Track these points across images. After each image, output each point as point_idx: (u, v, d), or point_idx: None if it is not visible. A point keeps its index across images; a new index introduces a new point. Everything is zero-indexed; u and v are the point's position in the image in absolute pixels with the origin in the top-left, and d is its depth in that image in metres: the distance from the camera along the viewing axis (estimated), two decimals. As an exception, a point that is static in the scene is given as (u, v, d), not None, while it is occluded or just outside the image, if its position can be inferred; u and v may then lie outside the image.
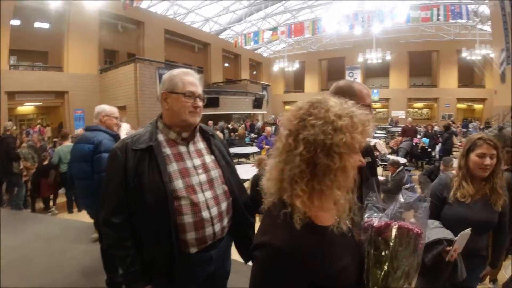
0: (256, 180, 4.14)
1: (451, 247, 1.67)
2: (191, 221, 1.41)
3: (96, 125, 2.85)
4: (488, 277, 2.08)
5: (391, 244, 0.96)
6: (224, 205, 1.55)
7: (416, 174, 7.39)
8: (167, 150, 1.46)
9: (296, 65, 25.15)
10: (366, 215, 1.02)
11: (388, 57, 21.65)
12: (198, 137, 1.59)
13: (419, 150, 10.58)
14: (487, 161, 1.78)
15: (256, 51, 28.62)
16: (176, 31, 19.98)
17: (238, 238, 1.69)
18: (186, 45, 22.25)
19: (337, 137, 0.82)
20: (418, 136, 11.76)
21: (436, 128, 13.33)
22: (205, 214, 1.44)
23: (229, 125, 16.22)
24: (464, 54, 20.04)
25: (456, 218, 1.85)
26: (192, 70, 1.64)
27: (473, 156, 1.83)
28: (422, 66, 25.30)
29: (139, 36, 17.81)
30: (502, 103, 17.90)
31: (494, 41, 18.66)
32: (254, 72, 29.26)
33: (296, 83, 30.86)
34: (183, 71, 1.51)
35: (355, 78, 24.37)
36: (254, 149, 11.06)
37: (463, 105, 24.64)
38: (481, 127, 16.84)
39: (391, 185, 5.33)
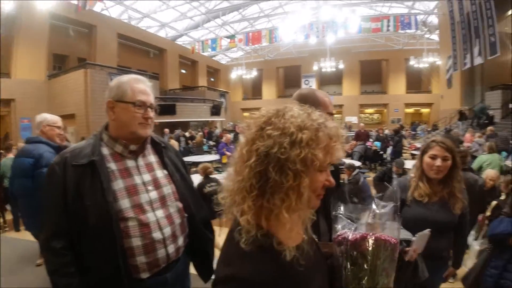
0: (200, 188, 4.02)
1: (409, 248, 1.69)
2: (140, 244, 1.27)
3: (37, 136, 2.60)
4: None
5: (369, 257, 0.91)
6: (178, 224, 1.42)
7: (370, 176, 7.67)
8: (112, 165, 1.31)
9: (254, 73, 25.51)
10: (339, 227, 0.97)
11: (341, 66, 22.91)
12: (149, 149, 1.45)
13: (372, 153, 11.12)
14: (438, 162, 1.82)
15: (213, 58, 28.54)
16: (130, 36, 19.34)
17: (196, 257, 1.58)
18: (141, 51, 21.56)
19: (293, 152, 0.72)
20: (371, 140, 12.35)
21: (386, 132, 14.03)
22: (157, 235, 1.31)
23: (186, 133, 15.69)
24: (412, 62, 21.76)
25: (415, 219, 1.82)
26: (145, 77, 1.51)
27: (426, 158, 1.88)
28: (372, 74, 26.87)
29: (90, 40, 17.01)
30: (449, 107, 19.50)
31: (442, 49, 20.26)
32: (212, 79, 29.13)
33: (254, 90, 31.25)
34: (133, 78, 1.37)
35: (311, 85, 25.16)
36: (212, 157, 10.86)
37: (411, 110, 26.55)
38: (429, 129, 18.02)
39: (347, 188, 5.48)
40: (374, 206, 1.01)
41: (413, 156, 10.46)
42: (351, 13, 16.30)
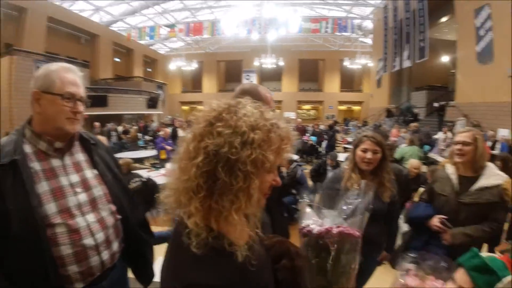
0: None
1: None
2: (70, 252, 1.16)
3: None
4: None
5: (333, 252, 0.93)
6: (111, 228, 1.31)
7: (307, 169, 8.01)
8: (36, 165, 1.17)
9: (194, 65, 24.78)
10: (304, 220, 0.98)
11: (281, 63, 23.38)
12: (76, 147, 1.31)
13: (308, 147, 11.64)
14: (369, 155, 1.97)
15: (151, 47, 27.03)
16: (61, 20, 17.32)
17: (134, 261, 1.48)
18: (71, 36, 19.40)
19: (244, 152, 0.69)
20: (307, 134, 12.87)
21: (321, 127, 14.79)
22: (88, 241, 1.20)
23: (120, 127, 14.44)
24: (346, 63, 23.33)
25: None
26: (75, 64, 1.36)
27: (358, 151, 2.02)
28: (310, 72, 28.12)
29: (19, 24, 15.07)
30: (377, 105, 21.17)
31: (374, 52, 21.80)
32: (149, 70, 27.54)
33: (194, 83, 30.43)
34: (63, 67, 1.23)
35: (252, 80, 25.41)
36: (149, 152, 10.37)
37: (344, 107, 28.43)
38: (359, 125, 19.28)
39: (286, 180, 5.65)
40: (343, 203, 1.04)
41: (345, 150, 11.18)
42: (292, 13, 16.72)
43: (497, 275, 0.98)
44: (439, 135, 11.21)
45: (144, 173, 6.14)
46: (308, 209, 1.03)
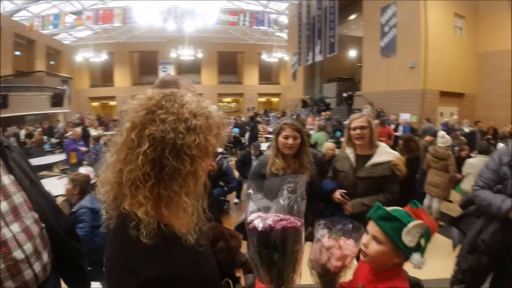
0: None
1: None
2: (3, 267, 1.06)
3: None
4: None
5: (279, 245, 1.00)
6: (38, 238, 1.19)
7: (232, 160, 8.05)
8: None
9: (104, 56, 22.79)
10: (248, 214, 1.07)
11: (200, 55, 22.99)
12: None
13: (231, 139, 11.72)
14: (290, 141, 2.16)
15: (55, 37, 23.51)
16: None
17: (66, 270, 1.37)
18: None
19: (189, 137, 0.72)
20: (230, 127, 12.92)
21: (243, 119, 15.05)
22: (18, 254, 1.09)
23: (22, 130, 12.53)
24: (264, 56, 24.00)
25: (274, 189, 2.08)
26: None
27: (280, 138, 2.20)
28: (229, 65, 28.28)
29: None
30: (294, 97, 22.33)
31: (289, 46, 22.88)
32: (52, 62, 23.90)
33: (105, 76, 27.37)
34: None
35: (169, 73, 24.30)
36: (57, 157, 9.25)
37: (263, 99, 29.31)
38: (279, 115, 20.14)
39: (212, 173, 5.59)
40: (280, 198, 1.13)
41: (267, 139, 11.56)
42: (211, 4, 16.43)
43: (402, 221, 1.10)
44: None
45: (54, 181, 5.50)
46: (250, 203, 1.12)
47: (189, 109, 0.74)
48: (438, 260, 2.30)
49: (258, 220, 1.05)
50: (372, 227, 1.18)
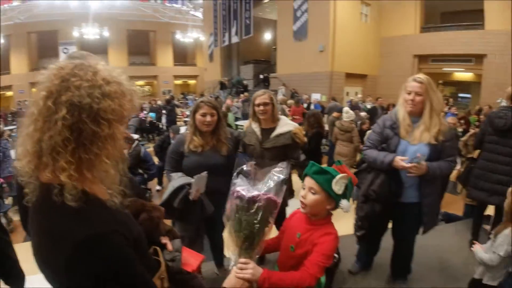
0: None
1: (191, 189, 2.09)
2: None
3: None
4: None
5: (261, 211, 1.16)
6: None
7: (150, 147, 7.73)
8: None
9: (1, 40, 19.30)
10: (237, 185, 1.22)
11: (106, 34, 21.01)
12: None
13: (147, 125, 11.19)
14: (208, 118, 2.27)
15: None
16: None
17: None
18: None
19: (105, 102, 0.75)
20: (145, 111, 12.34)
21: (159, 102, 14.45)
22: None
23: None
24: (178, 36, 22.81)
25: (194, 166, 2.28)
26: None
27: (197, 116, 2.30)
28: (140, 45, 26.08)
29: None
30: (211, 78, 22.06)
31: (205, 26, 22.25)
32: None
33: (1, 62, 22.77)
34: None
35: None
36: None
37: (179, 81, 27.96)
38: (197, 98, 19.70)
39: (130, 160, 5.30)
40: (270, 179, 1.25)
41: (185, 123, 11.27)
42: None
43: (332, 174, 1.37)
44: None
45: None
46: (239, 178, 1.27)
47: (102, 76, 0.77)
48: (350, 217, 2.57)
49: (245, 190, 1.19)
50: (308, 181, 1.41)
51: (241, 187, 1.24)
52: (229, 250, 1.27)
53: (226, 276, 1.26)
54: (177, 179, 2.22)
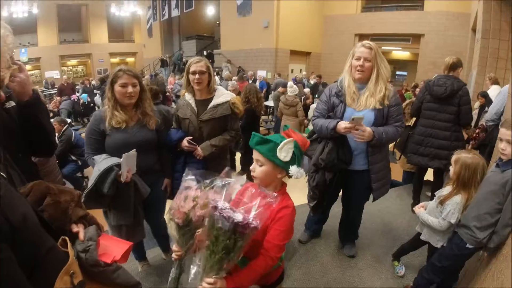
0: None
1: (121, 171, 1.83)
2: None
3: None
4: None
5: (243, 240, 1.08)
6: None
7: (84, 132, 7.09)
8: None
9: None
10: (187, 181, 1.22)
11: (35, 11, 19.11)
12: None
13: (81, 107, 10.32)
14: (130, 89, 1.96)
15: None
16: None
17: None
18: None
19: None
20: (77, 93, 11.44)
21: (93, 82, 13.42)
22: None
23: None
24: (113, 10, 21.08)
25: (119, 144, 1.99)
26: None
27: (117, 87, 1.95)
28: (72, 21, 23.37)
29: None
30: (151, 55, 20.95)
31: (143, -1, 20.70)
32: None
33: None
34: None
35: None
36: None
37: (116, 60, 25.62)
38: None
39: (61, 146, 4.79)
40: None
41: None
42: None
43: (274, 142, 1.29)
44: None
45: None
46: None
47: None
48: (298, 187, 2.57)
49: (227, 209, 1.07)
50: (254, 153, 1.34)
51: (218, 198, 1.14)
52: (194, 261, 1.18)
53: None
54: (102, 162, 1.89)
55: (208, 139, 2.39)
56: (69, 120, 7.27)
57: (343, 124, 2.07)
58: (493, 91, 5.23)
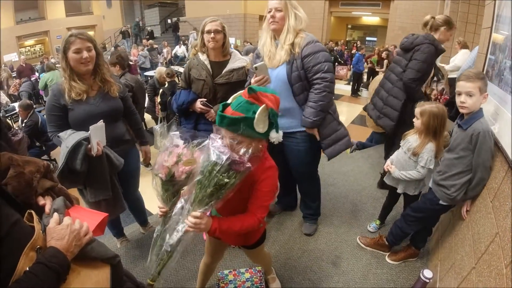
0: None
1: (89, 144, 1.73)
2: None
3: None
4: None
5: (236, 178, 1.13)
6: None
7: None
8: None
9: None
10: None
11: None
12: None
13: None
14: (85, 54, 1.77)
15: None
16: None
17: None
18: None
19: None
20: (36, 73, 10.85)
21: (53, 60, 12.73)
22: None
23: None
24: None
25: (84, 117, 1.85)
26: None
27: (70, 54, 1.76)
28: None
29: None
30: (112, 27, 19.86)
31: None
32: None
33: None
34: None
35: None
36: None
37: (73, 34, 24.25)
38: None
39: (24, 131, 4.54)
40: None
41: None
42: None
43: (248, 118, 1.14)
44: (177, 49, 12.17)
45: None
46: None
47: None
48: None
49: (223, 148, 1.10)
50: (226, 133, 1.19)
51: (220, 141, 1.14)
52: (183, 196, 1.22)
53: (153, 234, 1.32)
54: (69, 138, 1.76)
55: (221, 102, 2.24)
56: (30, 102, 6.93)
57: (253, 80, 1.91)
58: (462, 55, 5.28)
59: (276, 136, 1.23)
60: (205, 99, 2.32)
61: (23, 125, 4.74)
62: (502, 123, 1.66)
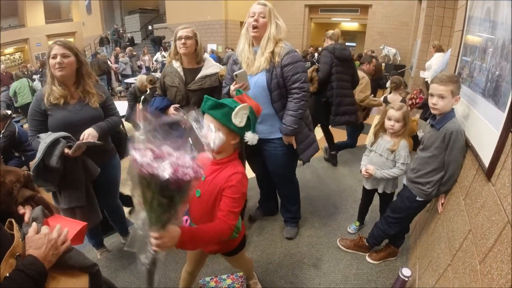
0: None
1: (76, 143, 1.76)
2: None
3: None
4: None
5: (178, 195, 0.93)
6: None
7: (26, 123, 6.58)
8: None
9: None
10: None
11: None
12: None
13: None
14: (58, 59, 1.80)
15: None
16: None
17: None
18: None
19: None
20: (12, 81, 10.48)
21: (32, 69, 12.47)
22: None
23: None
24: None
25: (62, 122, 1.88)
26: None
27: (50, 60, 1.83)
28: (8, 5, 21.01)
29: None
30: (92, 34, 19.58)
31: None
32: None
33: None
34: None
35: None
36: None
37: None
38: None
39: (4, 142, 4.39)
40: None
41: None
42: None
43: (229, 107, 1.24)
44: (158, 56, 12.08)
45: None
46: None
47: None
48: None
49: (151, 160, 0.88)
50: (207, 118, 1.27)
51: (145, 152, 0.93)
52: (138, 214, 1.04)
53: None
54: (48, 136, 1.80)
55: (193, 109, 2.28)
56: (9, 112, 6.71)
57: (232, 87, 1.93)
58: (437, 59, 5.38)
59: (251, 137, 1.28)
60: (178, 105, 2.36)
61: (1, 135, 4.59)
62: (471, 122, 1.71)
